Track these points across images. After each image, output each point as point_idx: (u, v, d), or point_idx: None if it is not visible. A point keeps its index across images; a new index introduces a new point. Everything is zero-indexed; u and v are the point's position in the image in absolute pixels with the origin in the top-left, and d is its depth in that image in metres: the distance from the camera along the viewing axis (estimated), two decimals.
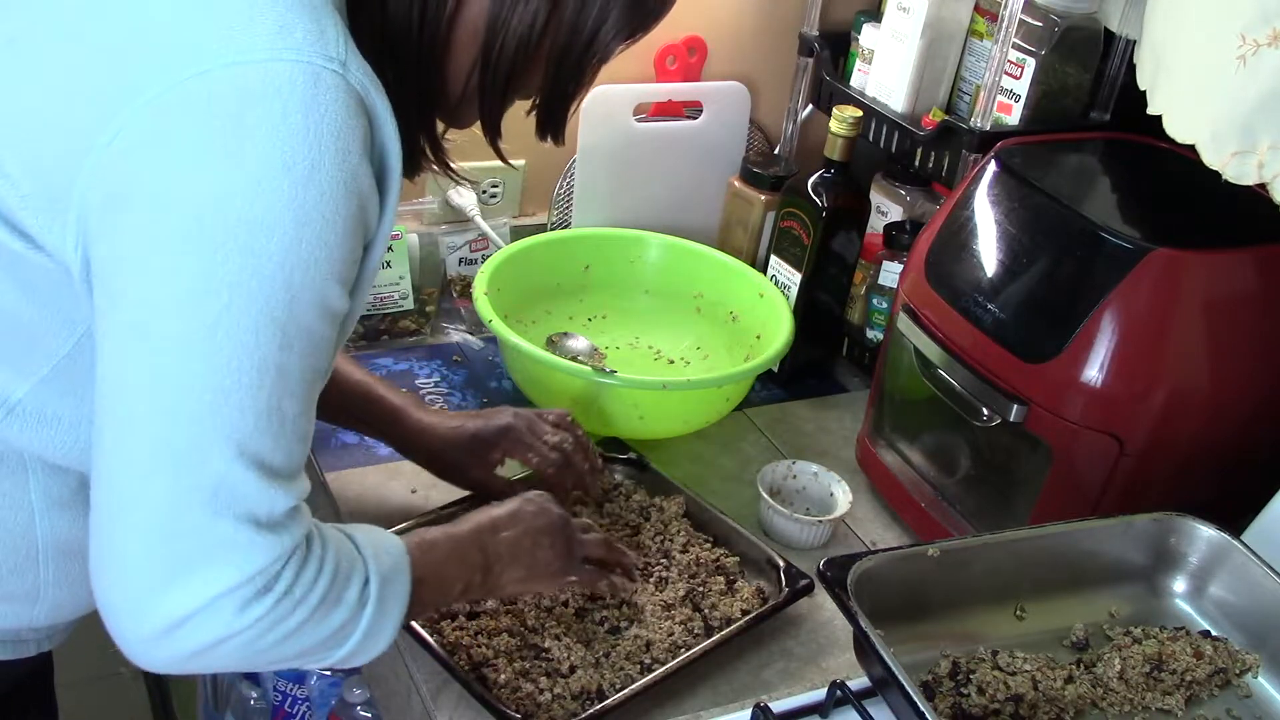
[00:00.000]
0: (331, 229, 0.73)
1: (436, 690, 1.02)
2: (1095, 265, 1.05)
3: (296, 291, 0.72)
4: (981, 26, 1.43)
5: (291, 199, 0.71)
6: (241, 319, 0.71)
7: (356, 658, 0.83)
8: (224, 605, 0.73)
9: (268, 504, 0.74)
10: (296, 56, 0.71)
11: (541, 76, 0.86)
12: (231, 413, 0.72)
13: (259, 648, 0.76)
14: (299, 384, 0.75)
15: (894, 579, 0.97)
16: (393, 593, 0.84)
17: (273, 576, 0.74)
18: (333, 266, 0.74)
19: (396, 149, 0.79)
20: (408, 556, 0.87)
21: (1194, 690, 0.99)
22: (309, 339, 0.74)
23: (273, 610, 0.74)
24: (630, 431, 1.30)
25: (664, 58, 1.60)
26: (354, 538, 0.84)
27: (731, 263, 1.52)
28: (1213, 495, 1.10)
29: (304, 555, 0.77)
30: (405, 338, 1.49)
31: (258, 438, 0.73)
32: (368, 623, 0.81)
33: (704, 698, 1.04)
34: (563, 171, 1.62)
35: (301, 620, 0.76)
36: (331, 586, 0.78)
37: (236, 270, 0.70)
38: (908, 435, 1.29)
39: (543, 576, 1.00)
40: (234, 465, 0.72)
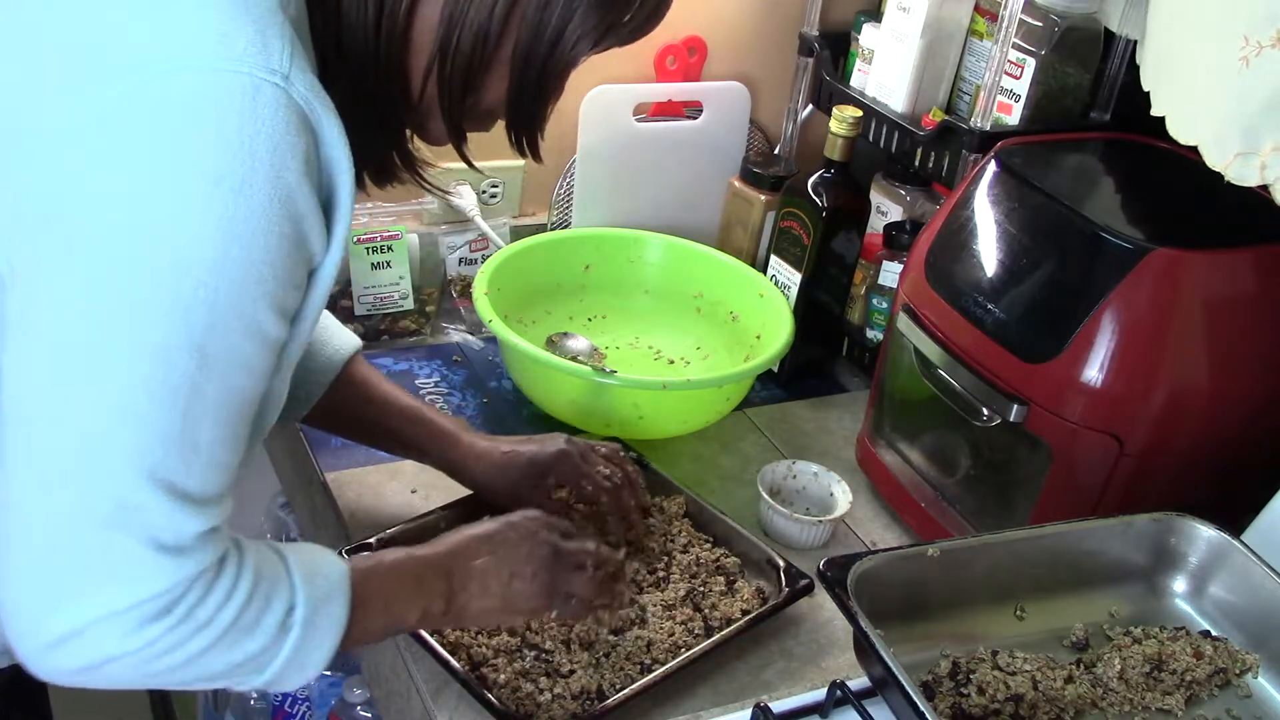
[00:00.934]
0: (262, 249, 0.70)
1: (436, 690, 1.02)
2: (1095, 265, 1.05)
3: (219, 310, 0.70)
4: (981, 26, 1.43)
5: (219, 214, 0.68)
6: (156, 335, 0.69)
7: (281, 683, 0.80)
8: (114, 625, 0.71)
9: (174, 527, 0.71)
10: (236, 67, 0.69)
11: (506, 83, 0.84)
12: (140, 431, 0.69)
13: (155, 669, 0.73)
14: (219, 408, 0.72)
15: (894, 579, 0.97)
16: (324, 620, 0.80)
17: (172, 600, 0.72)
18: (263, 287, 0.71)
19: (346, 168, 0.76)
20: (347, 581, 0.83)
21: (1194, 690, 0.98)
22: (233, 363, 0.72)
23: (169, 633, 0.72)
24: (630, 431, 1.30)
25: (664, 58, 1.60)
26: (286, 560, 0.80)
27: (731, 263, 1.52)
28: (1213, 495, 1.09)
29: (211, 580, 0.74)
30: (405, 338, 1.49)
31: (168, 460, 0.70)
32: (290, 650, 0.78)
33: (704, 698, 1.04)
34: (563, 171, 1.62)
35: (204, 646, 0.74)
36: (244, 612, 0.75)
37: (154, 284, 0.68)
38: (908, 435, 1.29)
39: (518, 610, 0.95)
40: (139, 485, 0.70)
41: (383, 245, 1.46)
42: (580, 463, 1.12)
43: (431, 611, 0.90)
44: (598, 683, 1.00)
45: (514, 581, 0.94)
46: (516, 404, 1.40)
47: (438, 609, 0.91)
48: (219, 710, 1.84)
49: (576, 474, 1.12)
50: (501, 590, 0.93)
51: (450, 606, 0.91)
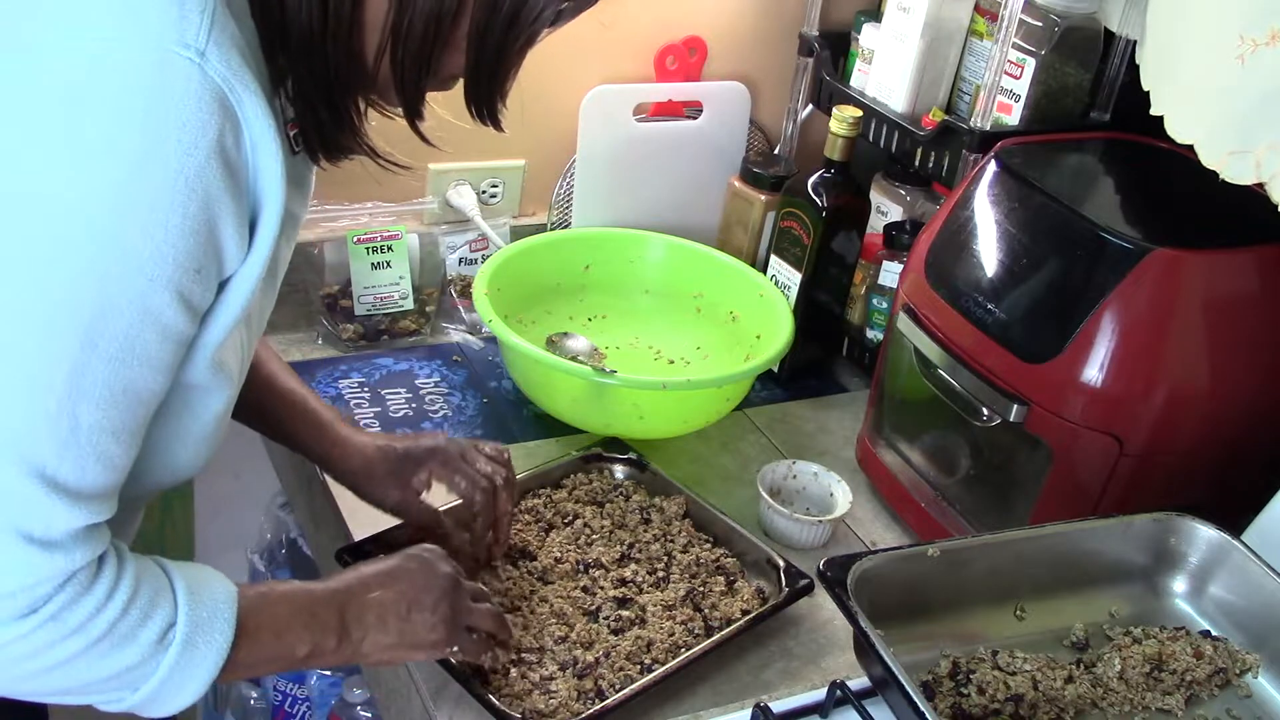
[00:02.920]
0: (162, 227, 0.67)
1: (436, 690, 1.02)
2: (1095, 265, 1.05)
3: (110, 288, 0.66)
4: (981, 26, 1.43)
5: (114, 185, 0.65)
6: (38, 309, 0.65)
7: (153, 706, 0.76)
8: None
9: (43, 518, 0.68)
10: (144, 40, 0.66)
11: (464, 58, 0.81)
12: (10, 409, 0.66)
13: (16, 673, 0.70)
14: (104, 393, 0.68)
15: (894, 579, 0.97)
16: (206, 640, 0.76)
17: (39, 598, 0.68)
18: (161, 269, 0.68)
19: (273, 150, 0.72)
20: (234, 606, 0.78)
21: (1194, 690, 0.99)
22: (125, 348, 0.68)
23: (34, 634, 0.69)
24: (630, 431, 1.30)
25: (664, 58, 1.60)
26: (171, 575, 0.77)
27: (731, 263, 1.52)
28: (1213, 495, 1.10)
29: (87, 582, 0.70)
30: (405, 338, 1.49)
31: (39, 443, 0.67)
32: (168, 669, 0.74)
33: (704, 698, 1.04)
34: (563, 171, 1.62)
35: (72, 652, 0.70)
36: (120, 621, 0.72)
37: (39, 256, 0.65)
38: (908, 435, 1.29)
39: (418, 645, 0.91)
40: (5, 468, 0.66)
41: (383, 245, 1.46)
42: (455, 458, 1.07)
43: (324, 647, 0.85)
44: (598, 683, 1.00)
45: (413, 613, 0.90)
46: (516, 404, 1.40)
47: (329, 645, 0.86)
48: (219, 710, 1.84)
49: (450, 469, 1.07)
50: (399, 625, 0.89)
51: (343, 643, 0.86)
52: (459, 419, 1.37)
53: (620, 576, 1.11)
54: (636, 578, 1.11)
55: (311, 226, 1.45)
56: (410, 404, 1.38)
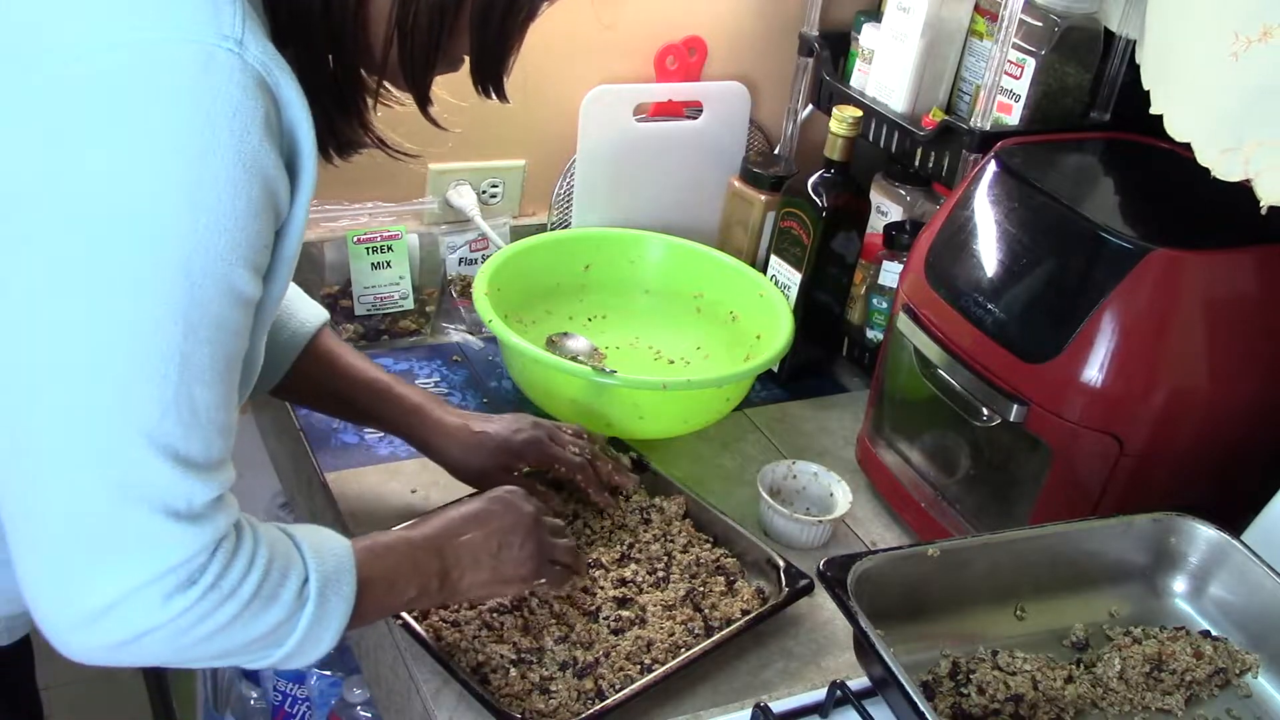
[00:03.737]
0: (232, 214, 0.70)
1: (436, 690, 1.02)
2: (1095, 265, 1.05)
3: (197, 279, 0.70)
4: (981, 26, 1.43)
5: (183, 184, 0.68)
6: (137, 308, 0.69)
7: (295, 659, 0.82)
8: (145, 597, 0.72)
9: (185, 495, 0.72)
10: (186, 35, 0.68)
11: (467, 41, 0.84)
12: (136, 404, 0.70)
13: (186, 642, 0.74)
14: (210, 372, 0.72)
15: (894, 579, 0.97)
16: (335, 593, 0.82)
17: (197, 569, 0.73)
18: (236, 251, 0.71)
19: (308, 128, 0.76)
20: (353, 558, 0.85)
21: (1194, 690, 0.99)
22: (217, 326, 0.72)
23: (198, 603, 0.73)
24: (630, 431, 1.30)
25: (664, 58, 1.60)
26: (294, 536, 0.82)
27: (731, 263, 1.52)
28: (1213, 495, 1.10)
29: (232, 548, 0.75)
30: (405, 338, 1.49)
31: (167, 428, 0.71)
32: (307, 623, 0.80)
33: (704, 698, 1.04)
34: (563, 171, 1.62)
35: (232, 615, 0.75)
36: (264, 582, 0.77)
37: (127, 258, 0.68)
38: (908, 435, 1.29)
39: (510, 580, 0.98)
40: (144, 456, 0.70)
41: (383, 245, 1.46)
42: (549, 444, 1.14)
43: (428, 589, 0.93)
44: (598, 683, 1.00)
45: (504, 551, 0.97)
46: (516, 404, 1.40)
47: (434, 586, 0.93)
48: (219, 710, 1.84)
49: (548, 457, 1.14)
50: (492, 562, 0.96)
51: (444, 583, 0.94)
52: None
53: (620, 576, 1.11)
54: (636, 578, 1.11)
55: (312, 226, 1.45)
56: None
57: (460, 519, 0.97)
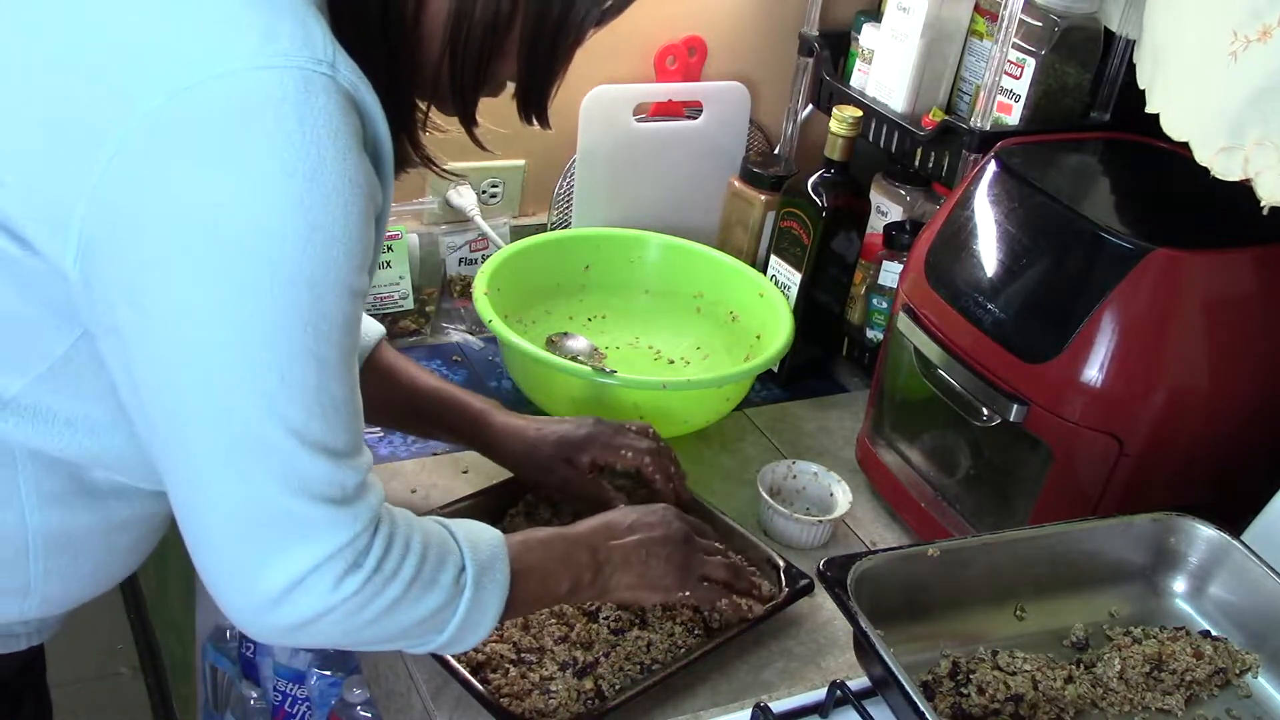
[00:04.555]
0: (344, 227, 0.74)
1: (436, 690, 1.02)
2: (1095, 265, 1.05)
3: (321, 290, 0.74)
4: (981, 26, 1.43)
5: (298, 204, 0.72)
6: (271, 323, 0.73)
7: (455, 645, 0.87)
8: (319, 578, 0.77)
9: (338, 482, 0.77)
10: (285, 62, 0.71)
11: (516, 63, 0.87)
12: (283, 408, 0.74)
13: (357, 623, 0.79)
14: (339, 366, 0.77)
15: (894, 579, 0.97)
16: (490, 581, 0.87)
17: (360, 550, 0.78)
18: (350, 259, 0.75)
19: (387, 138, 0.81)
20: (506, 550, 0.89)
21: (1194, 690, 0.99)
22: (341, 326, 0.76)
23: (366, 584, 0.78)
24: None
25: (664, 58, 1.60)
26: (449, 527, 0.87)
27: (731, 263, 1.52)
28: (1213, 495, 1.10)
29: (389, 533, 0.80)
30: (405, 338, 1.49)
31: (313, 424, 0.75)
32: (465, 609, 0.84)
33: (704, 698, 1.04)
34: (563, 171, 1.62)
35: (396, 596, 0.80)
36: (422, 565, 0.82)
37: (256, 279, 0.72)
38: (908, 435, 1.29)
39: (655, 587, 1.01)
40: (298, 453, 0.75)
41: (383, 245, 1.45)
42: (613, 437, 1.15)
43: (581, 584, 0.97)
44: (598, 683, 1.00)
45: (651, 560, 1.00)
46: (516, 404, 1.39)
47: (586, 579, 0.97)
48: (219, 710, 1.84)
49: (612, 449, 1.15)
50: (640, 567, 1.00)
51: (596, 579, 0.98)
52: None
53: None
54: None
55: None
56: None
57: (614, 523, 1.01)
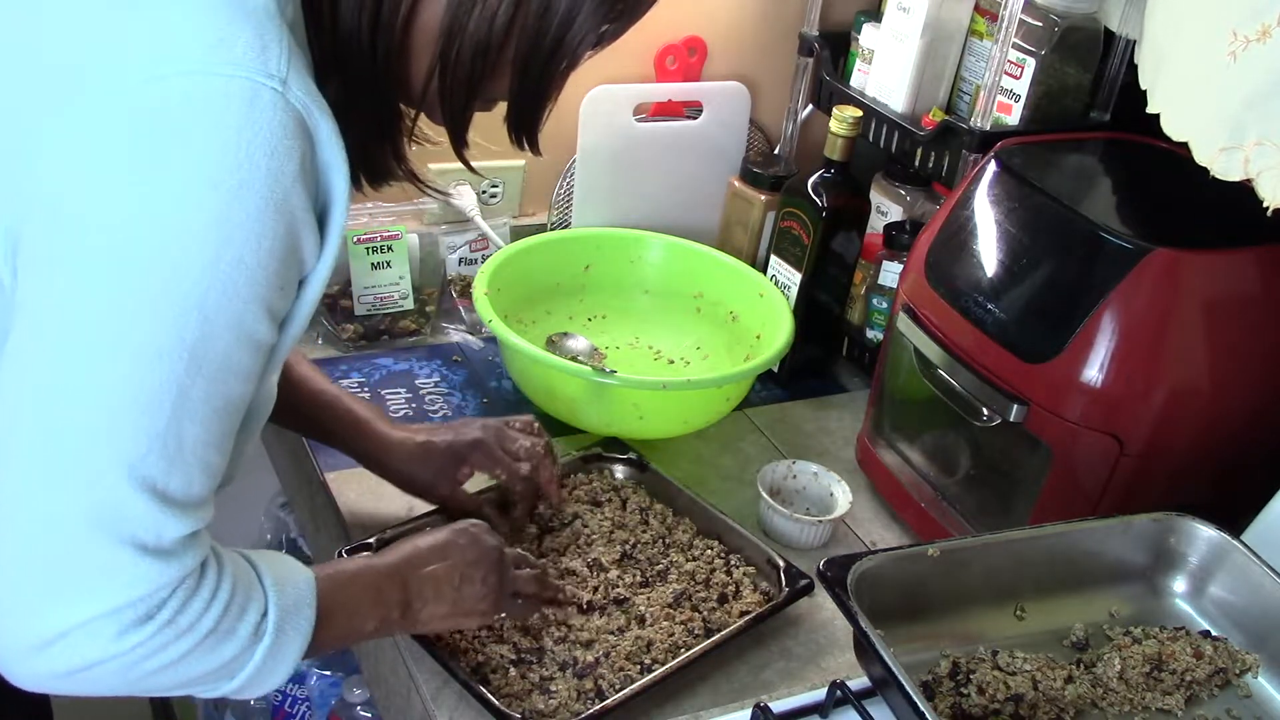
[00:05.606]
0: (255, 252, 0.70)
1: (436, 690, 1.02)
2: (1095, 265, 1.05)
3: (210, 314, 0.70)
4: (981, 26, 1.43)
5: (215, 217, 0.68)
6: (144, 335, 0.69)
7: (248, 691, 0.80)
8: (99, 628, 0.71)
9: (155, 530, 0.71)
10: (233, 71, 0.69)
11: (508, 82, 0.84)
12: (124, 432, 0.69)
13: (136, 675, 0.73)
14: (205, 409, 0.72)
15: (894, 579, 0.97)
16: (293, 627, 0.81)
17: (155, 604, 0.72)
18: (255, 291, 0.71)
19: (341, 171, 0.76)
20: (314, 590, 0.84)
21: (1194, 690, 0.98)
22: (222, 365, 0.72)
23: (153, 638, 0.72)
24: (630, 431, 1.30)
25: (664, 58, 1.60)
26: (258, 567, 0.81)
27: (731, 263, 1.52)
28: (1213, 495, 1.09)
29: (194, 585, 0.74)
30: (405, 338, 1.49)
31: (150, 460, 0.70)
32: (261, 657, 0.79)
33: (704, 698, 1.04)
34: (563, 171, 1.62)
35: (184, 651, 0.74)
36: (223, 618, 0.76)
37: (147, 286, 0.68)
38: (908, 435, 1.29)
39: (470, 613, 0.97)
40: (121, 486, 0.70)
41: (383, 245, 1.46)
42: (494, 448, 1.12)
43: (389, 620, 0.92)
44: (598, 683, 1.00)
45: (465, 586, 0.96)
46: (516, 404, 1.40)
47: (394, 616, 0.92)
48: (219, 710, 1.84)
49: (491, 461, 1.12)
50: (453, 595, 0.95)
51: (405, 614, 0.93)
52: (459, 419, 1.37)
53: (620, 577, 1.11)
54: (636, 578, 1.11)
55: None
56: (410, 404, 1.38)
57: (424, 550, 0.96)
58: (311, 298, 0.79)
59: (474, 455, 1.12)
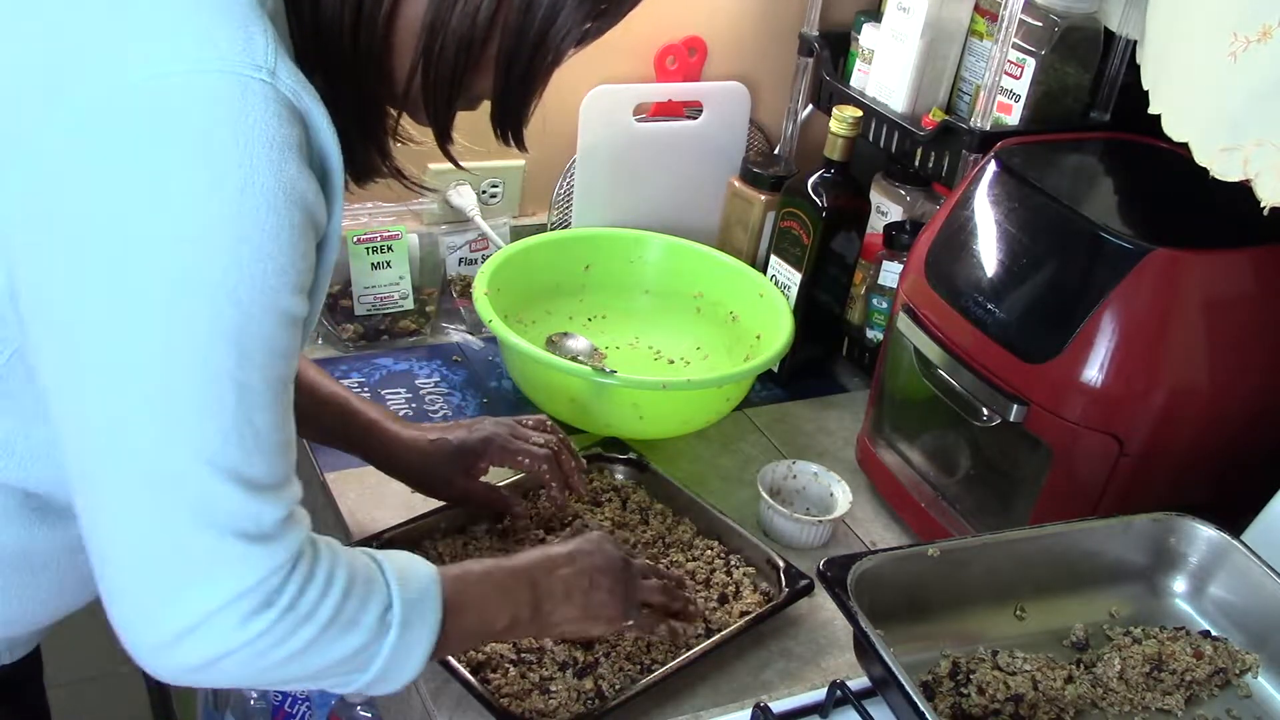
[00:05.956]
0: (276, 241, 0.70)
1: (436, 690, 1.02)
2: (1095, 265, 1.05)
3: (246, 308, 0.70)
4: (981, 26, 1.43)
5: (224, 217, 0.68)
6: (189, 341, 0.69)
7: (382, 685, 0.82)
8: (224, 618, 0.72)
9: (253, 517, 0.72)
10: (221, 67, 0.68)
11: (492, 79, 0.83)
12: (197, 433, 0.70)
13: (265, 664, 0.75)
14: (265, 394, 0.72)
15: (894, 579, 0.97)
16: (419, 620, 0.82)
17: (273, 590, 0.73)
18: (283, 278, 0.71)
19: (336, 151, 0.76)
20: (438, 585, 0.85)
21: (1194, 690, 0.99)
22: (269, 350, 0.72)
23: (276, 625, 0.73)
24: (630, 431, 1.30)
25: (664, 58, 1.60)
26: (380, 561, 0.82)
27: (731, 263, 1.52)
28: (1212, 495, 1.09)
29: (308, 570, 0.75)
30: (405, 338, 1.49)
31: (230, 453, 0.71)
32: (390, 650, 0.80)
33: (704, 698, 1.04)
34: (563, 171, 1.62)
35: (310, 638, 0.75)
36: (343, 605, 0.77)
37: (175, 293, 0.68)
38: (908, 435, 1.29)
39: (598, 619, 0.97)
40: (210, 482, 0.71)
41: (383, 245, 1.46)
42: (510, 440, 1.12)
43: (520, 619, 0.92)
44: (598, 683, 1.00)
45: (594, 591, 0.96)
46: (516, 404, 1.40)
47: (525, 616, 0.92)
48: (219, 710, 1.84)
49: (509, 453, 1.12)
50: (583, 599, 0.96)
51: (536, 615, 0.93)
52: (459, 419, 1.37)
53: None
54: None
55: None
56: (410, 404, 1.38)
57: (556, 555, 0.97)
58: (328, 266, 0.80)
59: (490, 450, 1.12)
